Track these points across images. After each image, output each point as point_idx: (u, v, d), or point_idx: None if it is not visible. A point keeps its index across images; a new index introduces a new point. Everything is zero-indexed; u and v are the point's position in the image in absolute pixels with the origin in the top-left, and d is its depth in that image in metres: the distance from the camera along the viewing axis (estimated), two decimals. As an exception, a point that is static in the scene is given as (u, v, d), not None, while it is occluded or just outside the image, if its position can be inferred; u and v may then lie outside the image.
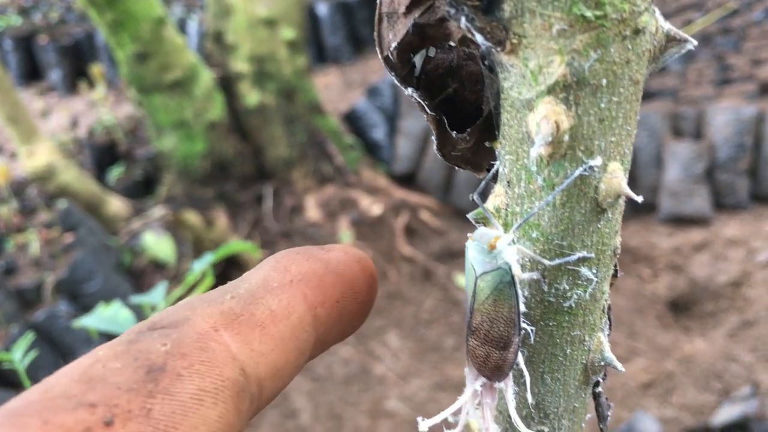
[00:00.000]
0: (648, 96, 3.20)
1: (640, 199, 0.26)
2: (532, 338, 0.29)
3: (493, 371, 0.30)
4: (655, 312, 2.62)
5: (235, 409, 0.24)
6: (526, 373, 0.29)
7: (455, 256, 2.96)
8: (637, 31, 0.22)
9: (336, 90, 4.67)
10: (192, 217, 2.75)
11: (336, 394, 2.44)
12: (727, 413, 2.11)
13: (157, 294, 0.90)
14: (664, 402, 2.27)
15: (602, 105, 0.23)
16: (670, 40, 0.24)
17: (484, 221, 0.28)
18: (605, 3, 0.21)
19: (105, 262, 2.71)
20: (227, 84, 3.17)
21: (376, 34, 0.26)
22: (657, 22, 0.23)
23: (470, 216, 0.27)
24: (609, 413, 0.34)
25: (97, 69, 3.75)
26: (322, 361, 2.58)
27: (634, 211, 3.03)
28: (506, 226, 0.27)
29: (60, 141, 3.76)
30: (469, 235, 0.28)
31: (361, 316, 0.32)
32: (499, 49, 0.23)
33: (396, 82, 0.26)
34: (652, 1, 0.22)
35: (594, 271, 0.26)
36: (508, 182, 0.26)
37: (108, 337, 2.17)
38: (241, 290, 0.28)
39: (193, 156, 3.09)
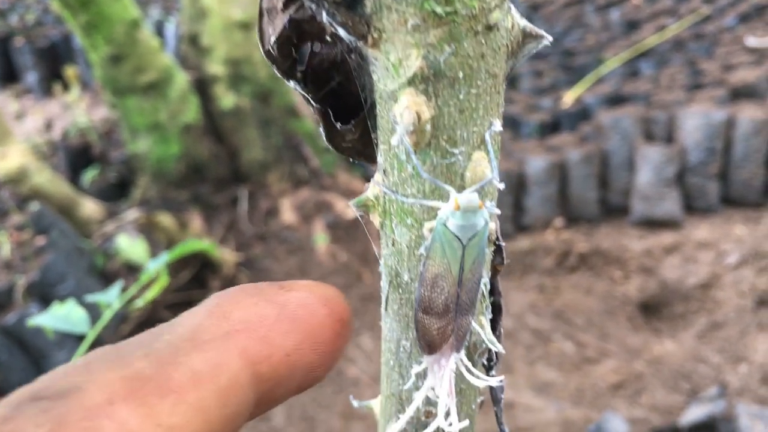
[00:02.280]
0: (620, 100, 3.24)
1: (501, 186, 0.27)
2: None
3: (461, 340, 0.29)
4: (626, 314, 2.65)
5: None
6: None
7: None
8: (489, 27, 0.24)
9: (314, 93, 4.67)
10: (165, 220, 2.74)
11: (309, 396, 2.45)
12: (695, 413, 2.14)
13: (112, 293, 0.90)
14: (633, 403, 2.30)
15: (461, 96, 0.24)
16: (527, 36, 0.25)
17: (365, 208, 0.29)
18: (455, 0, 0.22)
19: (77, 265, 2.70)
20: (202, 86, 3.17)
21: (257, 29, 0.27)
22: (513, 19, 0.25)
23: (351, 203, 0.29)
24: (502, 396, 0.35)
25: (71, 71, 3.74)
26: (296, 363, 2.58)
27: (606, 214, 3.06)
28: (385, 213, 0.28)
29: (34, 143, 3.74)
30: (457, 200, 0.27)
31: (323, 367, 0.27)
32: (361, 42, 0.24)
33: (279, 75, 0.28)
34: None
35: (467, 257, 0.28)
36: (384, 171, 0.27)
37: (63, 335, 2.15)
38: (161, 344, 0.24)
39: (167, 158, 3.08)
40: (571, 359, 2.48)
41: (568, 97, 3.36)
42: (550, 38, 0.26)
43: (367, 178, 0.28)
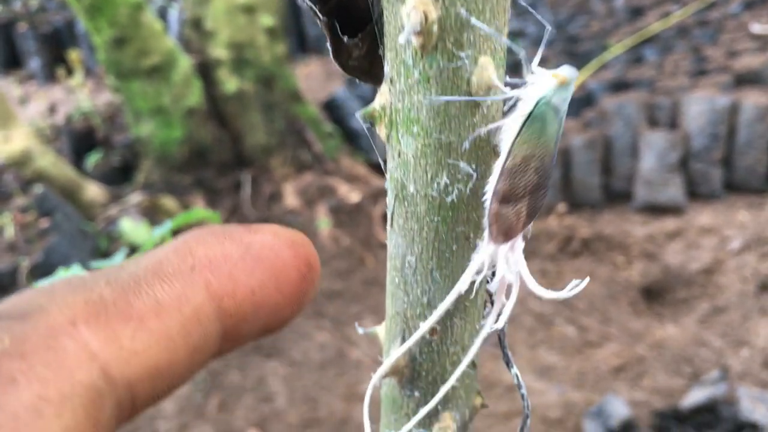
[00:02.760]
0: (624, 86, 3.23)
1: (507, 90, 0.27)
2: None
3: (532, 219, 0.30)
4: (628, 298, 2.65)
5: (88, 418, 0.20)
6: (418, 268, 0.30)
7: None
8: None
9: (317, 80, 4.67)
10: (169, 203, 2.75)
11: (312, 378, 2.46)
12: (696, 396, 2.14)
13: (117, 260, 0.91)
14: (635, 386, 2.30)
15: None
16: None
17: (371, 118, 0.29)
18: None
19: (81, 248, 2.71)
20: (206, 70, 3.17)
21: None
22: None
23: (357, 114, 0.29)
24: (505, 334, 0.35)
25: (74, 55, 3.74)
26: (298, 346, 2.59)
27: (609, 199, 3.06)
28: (391, 123, 0.28)
29: (37, 127, 3.75)
30: (558, 74, 0.27)
31: (289, 308, 0.27)
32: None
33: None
34: None
35: (473, 166, 0.28)
36: (390, 79, 0.27)
37: None
38: (124, 274, 0.24)
39: (170, 142, 3.08)
40: (573, 343, 2.48)
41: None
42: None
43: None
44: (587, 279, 0.33)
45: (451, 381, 0.32)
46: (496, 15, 0.26)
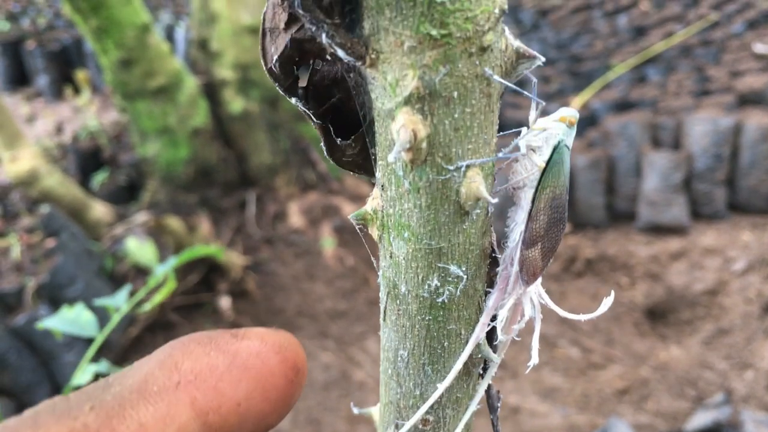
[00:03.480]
0: (628, 106, 3.24)
1: (495, 200, 0.28)
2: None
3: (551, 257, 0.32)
4: (632, 319, 2.65)
5: None
6: (408, 362, 0.31)
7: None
8: (483, 49, 0.25)
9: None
10: (174, 223, 2.76)
11: (315, 399, 2.46)
12: (700, 420, 2.14)
13: (120, 297, 0.92)
14: (639, 408, 2.30)
15: (456, 115, 0.25)
16: (521, 56, 0.26)
17: (364, 221, 0.30)
18: (449, 23, 0.23)
19: (87, 267, 2.72)
20: (212, 91, 3.19)
21: (260, 47, 0.28)
22: (506, 40, 0.26)
23: (351, 217, 0.30)
24: (498, 404, 0.36)
25: (82, 75, 3.77)
26: (302, 366, 2.59)
27: (612, 219, 3.06)
28: (383, 227, 0.29)
29: (44, 146, 3.77)
30: (566, 116, 0.30)
31: (275, 414, 0.27)
32: (360, 63, 0.25)
33: (281, 92, 0.29)
34: (499, 20, 0.25)
35: (463, 269, 0.29)
36: (382, 186, 0.28)
37: (71, 337, 2.16)
38: (109, 396, 0.23)
39: (176, 162, 3.10)
40: (577, 365, 2.48)
41: (576, 103, 3.36)
42: (543, 59, 0.27)
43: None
44: (612, 296, 0.35)
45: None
46: (484, 129, 0.27)
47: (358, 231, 0.30)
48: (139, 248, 2.90)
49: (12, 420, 0.23)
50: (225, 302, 2.81)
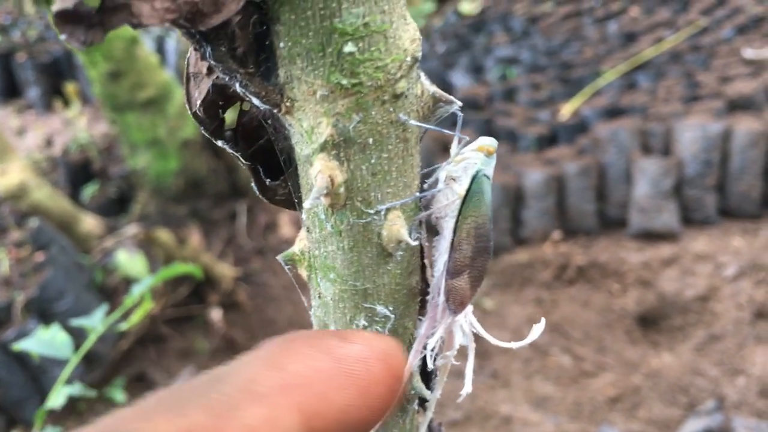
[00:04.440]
0: (618, 113, 3.24)
1: (415, 243, 0.28)
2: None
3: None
4: (624, 327, 2.65)
5: None
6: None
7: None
8: (396, 96, 0.25)
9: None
10: (163, 235, 2.76)
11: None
12: (692, 427, 2.14)
13: (96, 317, 0.91)
14: (631, 416, 2.29)
15: (372, 161, 0.25)
16: (437, 101, 0.26)
17: (292, 262, 0.30)
18: (360, 72, 0.23)
19: (76, 281, 2.71)
20: (201, 102, 3.18)
21: (184, 92, 0.28)
22: (422, 86, 0.26)
23: (279, 258, 0.29)
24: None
25: (71, 87, 3.77)
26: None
27: (604, 226, 3.07)
28: (311, 268, 0.29)
29: (34, 159, 3.77)
30: (484, 146, 0.30)
31: (373, 423, 0.26)
32: (276, 110, 0.25)
33: (207, 136, 0.29)
34: (412, 68, 0.25)
35: (390, 308, 0.29)
36: (307, 228, 0.28)
37: (47, 360, 2.15)
38: (216, 395, 0.23)
39: (166, 174, 3.10)
40: (569, 373, 2.48)
41: (566, 110, 3.37)
42: (459, 104, 0.27)
43: None
44: (543, 322, 0.35)
45: None
46: (403, 173, 0.27)
47: (288, 272, 0.30)
48: (129, 261, 2.89)
49: (125, 411, 0.23)
50: (216, 314, 2.80)
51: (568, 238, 3.03)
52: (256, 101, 0.25)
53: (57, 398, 0.79)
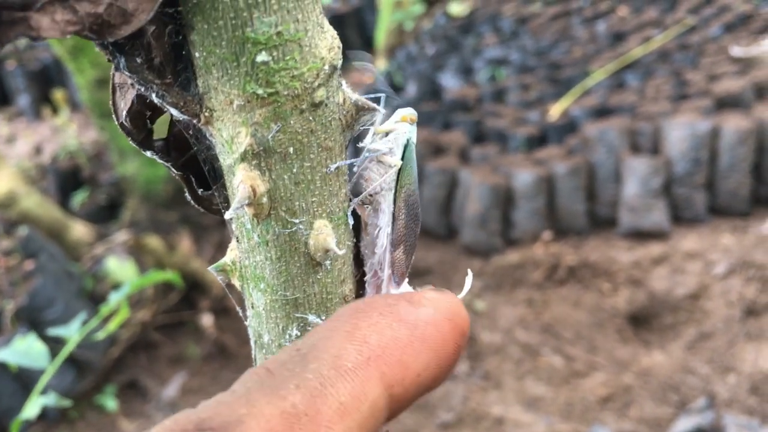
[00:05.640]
0: (607, 112, 3.25)
1: (342, 252, 0.28)
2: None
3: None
4: (615, 326, 2.65)
5: None
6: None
7: (420, 275, 2.98)
8: (315, 105, 0.24)
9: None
10: (153, 242, 2.75)
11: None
12: (683, 425, 2.14)
13: (72, 327, 0.91)
14: (622, 415, 2.30)
15: (294, 170, 0.25)
16: (360, 108, 0.26)
17: (224, 273, 0.30)
18: (275, 82, 0.23)
19: (66, 289, 2.70)
20: (190, 108, 3.18)
21: (111, 102, 0.28)
22: (344, 94, 0.26)
23: (211, 268, 0.29)
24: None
25: (59, 94, 3.76)
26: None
27: (594, 226, 3.07)
28: (242, 278, 0.29)
29: (23, 167, 3.76)
30: (407, 115, 0.30)
31: (443, 379, 0.28)
32: (195, 120, 0.25)
33: (135, 146, 0.28)
34: (332, 76, 0.24)
35: (323, 317, 0.28)
36: (236, 238, 0.28)
37: (23, 371, 2.13)
38: (309, 374, 0.25)
39: (156, 180, 3.09)
40: (560, 373, 2.48)
41: (555, 110, 3.37)
42: (382, 111, 0.27)
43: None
44: (470, 274, 0.35)
45: None
46: (327, 181, 0.26)
47: (221, 282, 0.29)
48: (119, 268, 2.89)
49: (224, 395, 0.24)
50: (207, 320, 2.79)
51: (559, 239, 3.04)
52: (174, 112, 0.25)
53: (32, 409, 0.79)
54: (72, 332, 0.90)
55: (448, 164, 3.15)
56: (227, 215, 0.25)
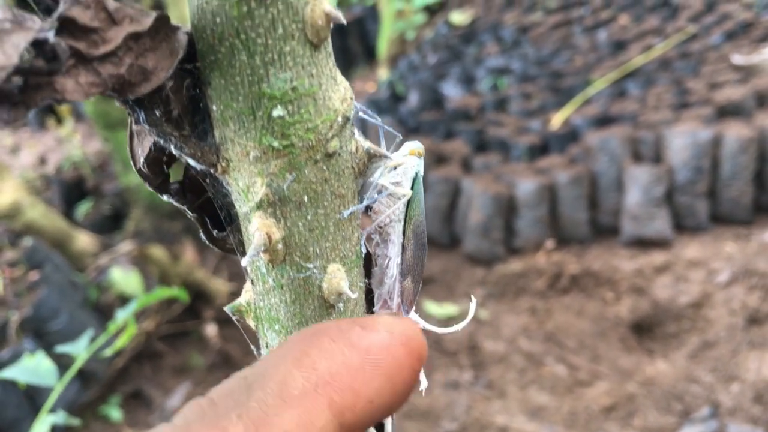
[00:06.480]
0: (608, 121, 3.26)
1: (354, 295, 0.29)
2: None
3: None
4: (618, 335, 2.65)
5: None
6: None
7: (424, 283, 2.99)
8: (329, 155, 0.25)
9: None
10: (157, 252, 2.76)
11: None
12: (687, 435, 2.14)
13: (80, 345, 0.92)
14: (626, 425, 2.29)
15: (309, 217, 0.26)
16: (372, 156, 0.27)
17: (240, 313, 0.30)
18: (290, 134, 0.24)
19: (71, 299, 2.71)
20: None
21: (129, 149, 0.29)
22: (357, 143, 0.26)
23: (227, 308, 0.30)
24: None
25: (64, 105, 3.77)
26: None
27: (596, 234, 3.07)
28: (257, 319, 0.30)
29: (27, 178, 3.77)
30: (415, 149, 0.31)
31: (399, 404, 0.27)
32: (212, 170, 0.25)
33: (152, 190, 0.29)
34: (345, 126, 0.25)
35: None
36: (251, 281, 0.29)
37: (31, 388, 2.14)
38: (253, 402, 0.24)
39: (159, 190, 3.10)
40: (564, 382, 2.48)
41: (557, 119, 3.38)
42: (392, 156, 0.28)
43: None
44: (474, 301, 0.36)
45: None
46: (341, 227, 0.27)
47: (236, 322, 0.30)
48: (123, 278, 2.89)
49: (165, 427, 0.24)
50: (211, 330, 2.80)
51: (562, 247, 3.04)
52: (192, 162, 0.25)
53: (41, 428, 0.80)
54: (80, 349, 0.91)
55: (451, 173, 3.16)
56: (243, 262, 0.26)
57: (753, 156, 2.87)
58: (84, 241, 3.08)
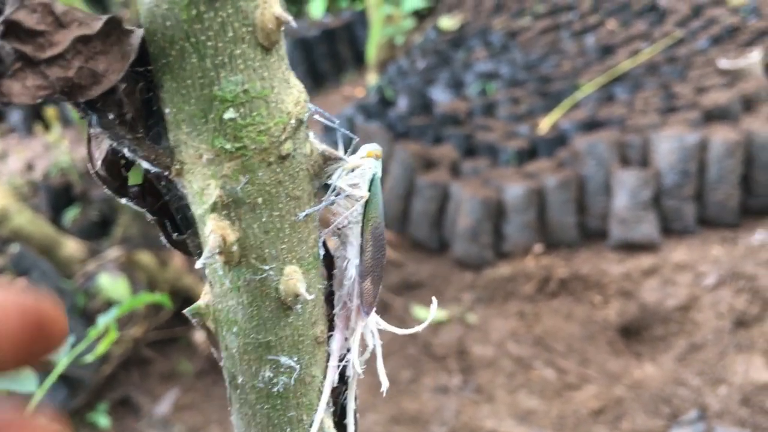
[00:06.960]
0: (596, 125, 3.27)
1: (311, 297, 0.29)
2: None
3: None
4: (606, 338, 2.65)
5: None
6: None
7: (412, 288, 2.99)
8: (282, 157, 0.25)
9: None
10: (145, 258, 2.75)
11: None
12: (675, 438, 2.15)
13: (61, 350, 0.91)
14: (614, 428, 2.30)
15: (264, 219, 0.26)
16: (327, 159, 0.27)
17: (199, 316, 0.30)
18: (243, 136, 0.24)
19: (58, 306, 2.70)
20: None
21: (87, 152, 0.29)
22: (311, 145, 0.26)
23: (186, 311, 0.30)
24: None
25: (51, 112, 3.77)
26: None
27: (584, 238, 3.08)
28: (216, 321, 0.30)
29: (15, 184, 3.76)
30: (372, 151, 0.31)
31: (9, 363, 0.26)
32: (166, 172, 0.25)
33: (110, 194, 0.29)
34: (298, 129, 0.25)
35: (295, 359, 0.29)
36: (210, 283, 0.29)
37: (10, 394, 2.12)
38: None
39: (147, 196, 3.09)
40: (553, 386, 2.48)
41: (545, 124, 3.39)
42: (348, 160, 0.28)
43: None
44: (435, 302, 0.37)
45: None
46: (297, 228, 0.27)
47: (196, 324, 0.30)
48: (111, 284, 2.88)
49: None
50: (200, 336, 2.79)
51: (550, 251, 3.05)
52: (146, 164, 0.25)
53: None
54: (60, 355, 0.90)
55: (440, 178, 3.17)
56: (198, 264, 0.26)
57: (739, 159, 2.89)
58: (72, 247, 3.07)
